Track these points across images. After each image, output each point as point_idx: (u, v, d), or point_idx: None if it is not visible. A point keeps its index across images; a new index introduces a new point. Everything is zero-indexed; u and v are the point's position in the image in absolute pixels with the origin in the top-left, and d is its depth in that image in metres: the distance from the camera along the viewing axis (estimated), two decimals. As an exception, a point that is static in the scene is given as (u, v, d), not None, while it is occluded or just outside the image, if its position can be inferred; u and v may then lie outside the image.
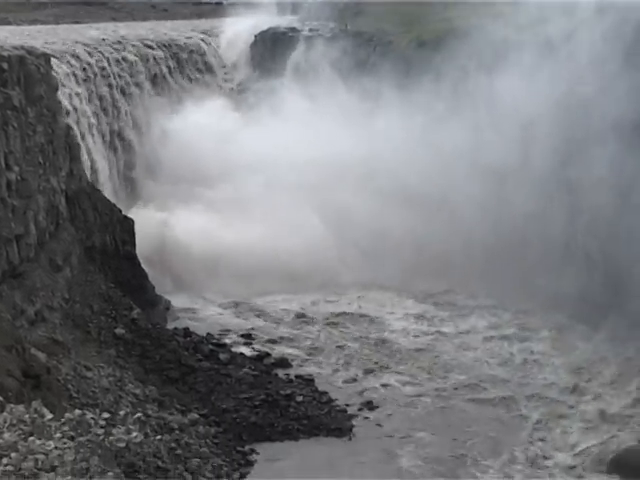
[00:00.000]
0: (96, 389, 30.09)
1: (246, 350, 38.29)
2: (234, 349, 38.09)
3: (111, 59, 49.66)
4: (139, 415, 13.50)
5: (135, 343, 34.85)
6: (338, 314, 42.75)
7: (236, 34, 65.06)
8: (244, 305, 43.56)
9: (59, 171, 36.52)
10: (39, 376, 25.94)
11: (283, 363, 37.26)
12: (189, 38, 62.00)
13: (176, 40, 59.87)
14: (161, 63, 55.79)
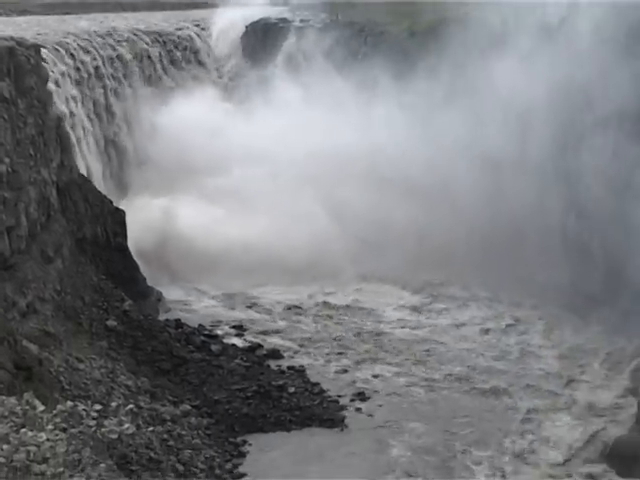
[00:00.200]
0: (88, 381, 30.06)
1: (238, 341, 38.32)
2: (226, 340, 38.10)
3: (105, 57, 49.50)
4: (131, 407, 13.52)
5: (127, 335, 34.84)
6: (334, 306, 42.84)
7: (227, 25, 64.79)
8: (239, 297, 43.55)
9: (50, 163, 36.41)
10: (31, 368, 25.93)
11: (275, 354, 37.28)
12: (180, 29, 61.79)
13: (167, 31, 59.65)
14: (151, 54, 55.57)
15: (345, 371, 36.41)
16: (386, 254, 43.76)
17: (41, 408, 12.19)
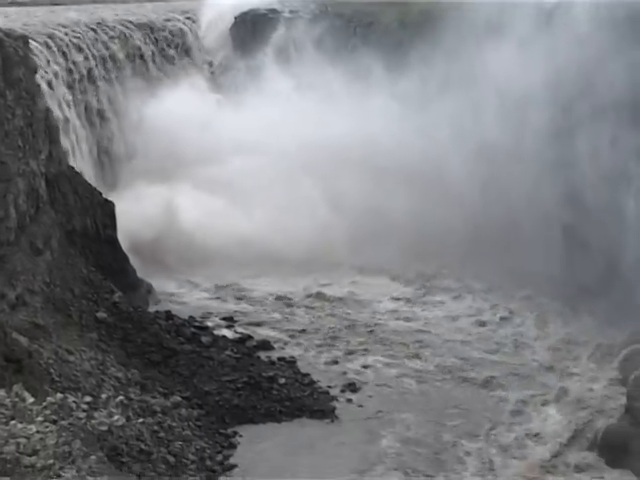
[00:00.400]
0: (78, 373, 30.01)
1: (228, 333, 38.30)
2: (216, 332, 38.06)
3: (94, 51, 49.31)
4: (121, 398, 13.51)
5: (117, 326, 34.76)
6: (327, 297, 42.76)
7: (216, 16, 64.53)
8: (230, 289, 43.49)
9: (39, 154, 36.24)
10: (20, 360, 25.90)
11: (265, 345, 37.28)
12: (168, 20, 61.54)
13: (155, 22, 59.40)
14: (140, 45, 55.35)
15: (336, 362, 36.43)
16: (381, 245, 43.69)
17: (31, 400, 12.16)
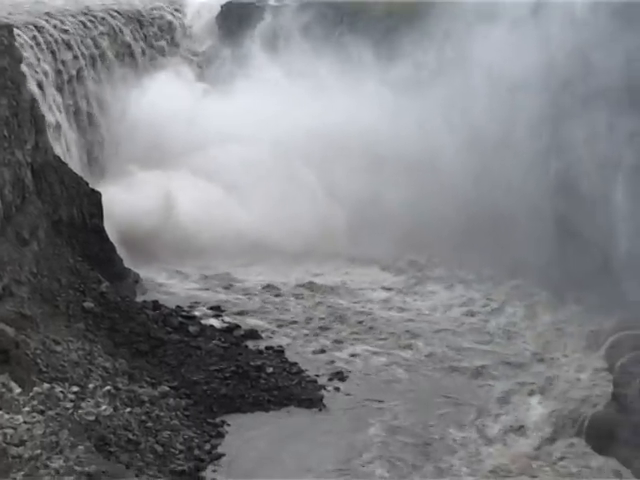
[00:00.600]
0: (65, 363, 29.95)
1: (216, 322, 38.27)
2: (204, 321, 38.03)
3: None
4: (109, 388, 13.53)
5: (104, 316, 34.69)
6: (318, 287, 42.75)
7: (202, 4, 64.29)
8: (220, 279, 43.39)
9: (24, 144, 36.05)
10: (7, 351, 25.83)
11: (253, 335, 37.29)
12: (154, 9, 61.24)
13: (141, 10, 59.10)
14: (126, 34, 55.08)
15: (323, 351, 36.48)
16: (373, 235, 43.70)
17: (18, 391, 12.15)
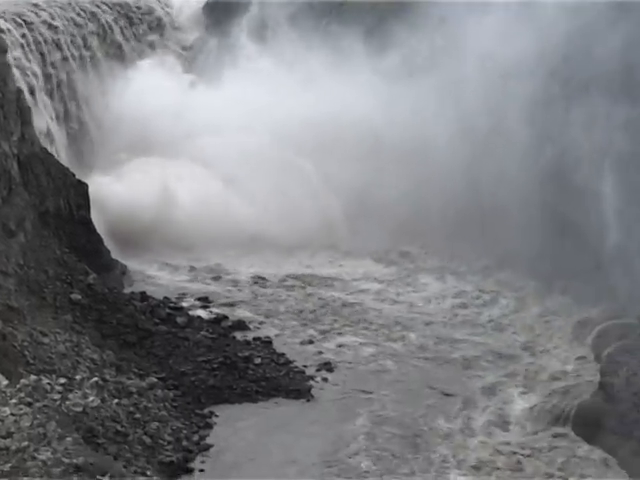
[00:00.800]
0: (53, 355, 29.92)
1: (203, 313, 38.25)
2: (191, 312, 38.00)
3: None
4: (96, 380, 13.52)
5: (91, 308, 34.64)
6: (308, 278, 42.74)
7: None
8: (209, 270, 43.31)
9: (10, 136, 35.93)
10: (-6, 343, 25.76)
11: (241, 325, 37.29)
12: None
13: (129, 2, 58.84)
14: (111, 24, 54.82)
15: (312, 342, 36.51)
16: (367, 226, 43.75)
17: (5, 383, 12.14)
